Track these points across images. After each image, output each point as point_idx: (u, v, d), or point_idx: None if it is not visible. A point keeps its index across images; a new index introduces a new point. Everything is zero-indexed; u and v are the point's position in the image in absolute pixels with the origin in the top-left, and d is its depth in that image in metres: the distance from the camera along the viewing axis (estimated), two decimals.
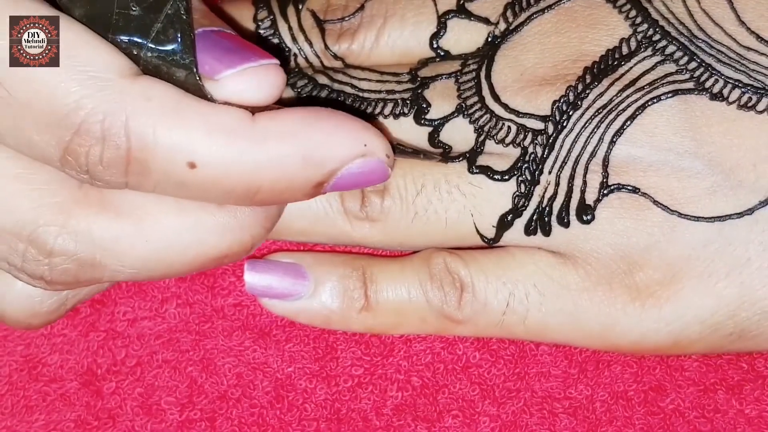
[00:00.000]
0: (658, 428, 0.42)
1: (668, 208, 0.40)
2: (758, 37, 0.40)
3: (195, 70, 0.34)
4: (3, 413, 0.42)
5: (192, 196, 0.35)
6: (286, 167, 0.34)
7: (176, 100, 0.33)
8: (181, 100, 0.33)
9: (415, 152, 0.41)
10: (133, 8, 0.34)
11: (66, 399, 0.42)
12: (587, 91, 0.40)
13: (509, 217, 0.41)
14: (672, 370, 0.43)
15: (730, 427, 0.42)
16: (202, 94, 0.34)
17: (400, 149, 0.40)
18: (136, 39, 0.34)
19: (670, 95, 0.40)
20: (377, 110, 0.42)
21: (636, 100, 0.40)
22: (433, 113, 0.42)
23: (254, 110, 0.35)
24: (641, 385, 0.42)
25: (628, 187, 0.40)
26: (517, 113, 0.41)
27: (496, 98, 0.41)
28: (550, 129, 0.40)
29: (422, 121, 0.42)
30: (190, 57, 0.34)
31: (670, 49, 0.40)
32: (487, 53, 0.42)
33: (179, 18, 0.34)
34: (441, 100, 0.42)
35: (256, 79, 0.34)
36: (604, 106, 0.40)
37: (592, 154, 0.40)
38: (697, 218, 0.39)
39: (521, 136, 0.41)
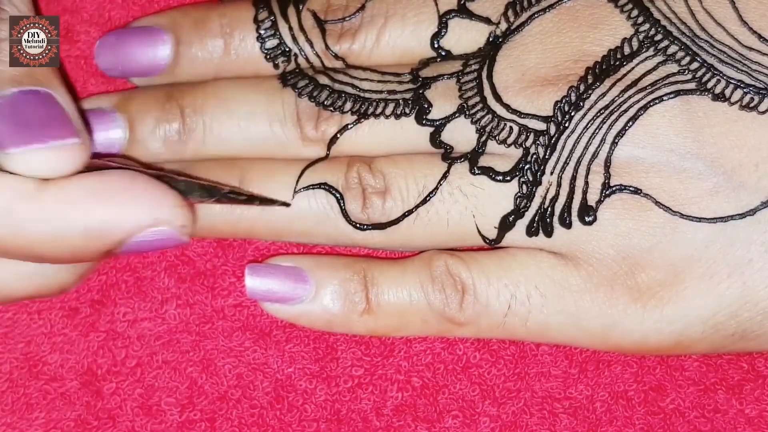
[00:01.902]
0: (658, 428, 0.42)
1: (670, 209, 0.40)
2: (760, 37, 0.40)
3: None
4: (3, 410, 0.42)
5: None
6: (67, 240, 0.35)
7: None
8: None
9: (249, 199, 0.41)
10: None
11: (66, 398, 0.42)
12: (589, 92, 0.40)
13: (511, 218, 0.41)
14: (672, 370, 0.43)
15: (731, 427, 0.42)
16: None
17: (230, 197, 0.40)
18: None
19: (672, 96, 0.40)
20: (378, 110, 0.42)
21: (638, 101, 0.40)
22: (435, 113, 0.42)
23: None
24: (641, 385, 0.42)
25: (630, 188, 0.40)
26: (519, 114, 0.41)
27: (498, 98, 0.41)
28: (552, 130, 0.40)
29: (424, 122, 0.42)
30: None
31: (672, 49, 0.40)
32: (488, 53, 0.42)
33: None
34: (442, 100, 0.42)
35: (45, 159, 0.35)
36: (606, 107, 0.40)
37: (594, 155, 0.40)
38: (699, 219, 0.39)
39: (523, 137, 0.41)
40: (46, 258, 0.36)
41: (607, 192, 0.40)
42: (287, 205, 0.42)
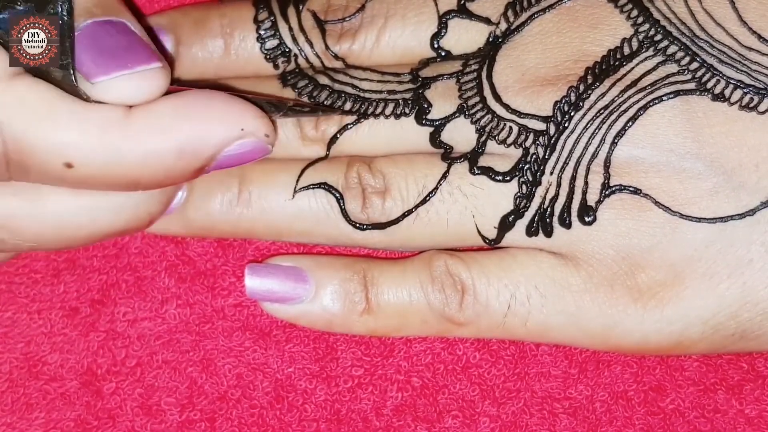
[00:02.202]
0: (658, 428, 0.42)
1: (670, 209, 0.40)
2: (760, 37, 0.40)
3: (71, 71, 0.35)
4: (3, 410, 0.42)
5: (75, 188, 0.36)
6: (161, 161, 0.35)
7: (50, 102, 0.34)
8: (55, 102, 0.34)
9: (313, 110, 0.41)
10: (18, 5, 0.35)
11: (66, 398, 0.42)
12: (589, 92, 0.40)
13: (511, 218, 0.41)
14: (672, 370, 0.43)
15: (730, 427, 0.42)
16: (78, 94, 0.35)
17: (296, 110, 0.41)
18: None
19: (671, 96, 0.40)
20: (378, 110, 0.42)
21: (638, 101, 0.40)
22: (435, 113, 0.42)
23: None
24: (641, 385, 0.42)
25: (630, 188, 0.40)
26: (519, 114, 0.41)
27: (498, 98, 0.41)
28: (552, 130, 0.40)
29: (423, 122, 0.42)
30: (66, 59, 0.35)
31: (672, 49, 0.40)
32: (488, 53, 0.42)
33: (59, 18, 0.34)
34: (442, 100, 0.42)
35: (132, 85, 0.35)
36: (606, 107, 0.40)
37: (594, 155, 0.40)
38: (699, 219, 0.39)
39: (523, 137, 0.41)
40: (143, 183, 0.36)
41: (607, 192, 0.40)
42: (348, 113, 0.42)
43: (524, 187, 0.41)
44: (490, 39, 0.42)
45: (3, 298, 0.43)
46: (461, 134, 0.41)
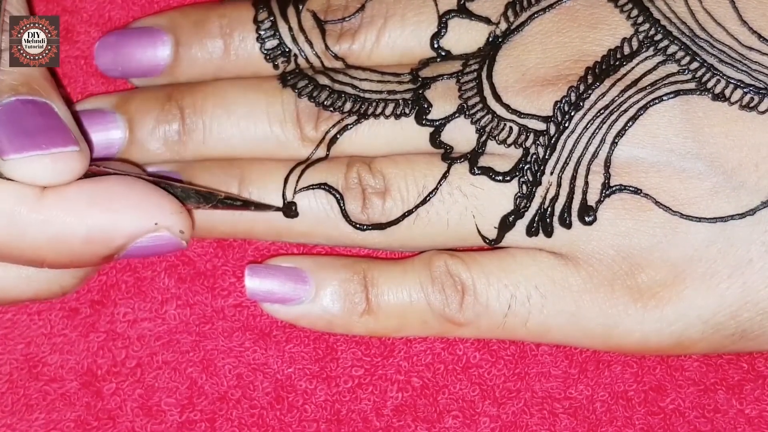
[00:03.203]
0: (658, 428, 0.42)
1: (670, 209, 0.39)
2: (760, 37, 0.40)
3: None
4: (3, 411, 0.42)
5: None
6: (67, 245, 0.36)
7: None
8: None
9: (245, 204, 0.41)
10: None
11: (66, 399, 0.42)
12: (589, 92, 0.40)
13: (511, 218, 0.41)
14: (672, 370, 0.43)
15: (731, 426, 0.42)
16: None
17: (226, 203, 0.40)
18: None
19: (671, 96, 0.40)
20: (378, 110, 0.42)
21: (638, 101, 0.40)
22: (435, 113, 0.42)
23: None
24: (641, 385, 0.42)
25: (630, 188, 0.40)
26: (519, 114, 0.41)
27: (498, 98, 0.41)
28: (552, 130, 0.40)
29: (423, 122, 0.42)
30: None
31: (672, 48, 0.40)
32: (488, 53, 0.42)
33: None
34: (442, 100, 0.42)
35: (45, 166, 0.35)
36: (606, 107, 0.40)
37: (594, 155, 0.40)
38: (699, 219, 0.39)
39: (523, 137, 0.41)
40: (48, 263, 0.37)
41: (607, 192, 0.40)
42: (281, 210, 0.42)
43: (524, 187, 0.40)
44: (490, 39, 0.42)
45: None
46: (461, 134, 0.41)
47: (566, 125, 0.40)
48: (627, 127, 0.40)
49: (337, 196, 0.42)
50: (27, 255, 0.36)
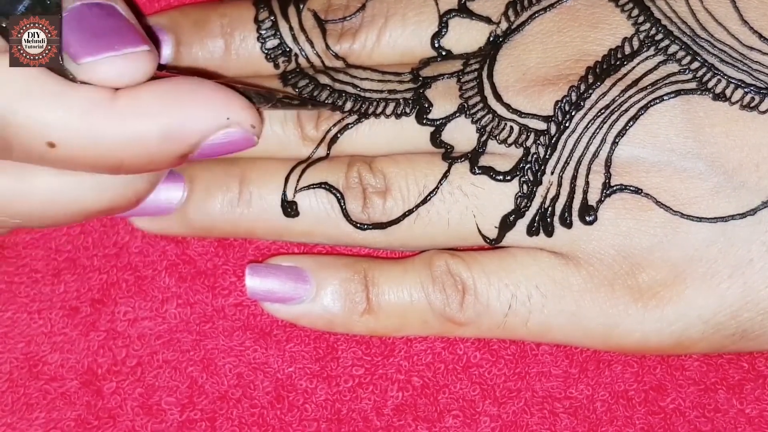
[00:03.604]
0: (658, 428, 0.42)
1: (671, 209, 0.39)
2: (761, 37, 0.40)
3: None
4: (3, 410, 0.42)
5: (57, 168, 0.36)
6: (144, 145, 0.35)
7: (35, 80, 0.34)
8: (39, 80, 0.34)
9: (302, 103, 0.41)
10: None
11: (66, 398, 0.42)
12: (590, 91, 0.40)
13: (512, 218, 0.41)
14: (673, 370, 0.43)
15: (731, 426, 0.42)
16: (64, 74, 0.35)
17: (285, 102, 0.41)
18: (2, 13, 0.35)
19: (672, 95, 0.40)
20: (379, 110, 0.42)
21: (638, 101, 0.40)
22: (435, 113, 0.42)
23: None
24: (642, 385, 0.42)
25: (631, 188, 0.40)
26: (520, 113, 0.41)
27: (498, 98, 0.41)
28: (553, 129, 0.40)
29: (424, 121, 0.42)
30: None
31: (673, 48, 0.40)
32: (488, 53, 0.42)
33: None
34: (443, 99, 0.42)
35: (118, 67, 0.35)
36: (607, 107, 0.40)
37: (595, 155, 0.40)
38: (700, 219, 0.39)
39: (523, 137, 0.41)
40: (125, 166, 0.36)
41: (608, 192, 0.40)
42: (336, 108, 0.42)
43: (525, 186, 0.40)
44: (491, 38, 0.42)
45: (3, 298, 0.43)
46: (462, 134, 0.41)
47: (567, 125, 0.40)
48: (628, 127, 0.40)
49: (338, 195, 0.42)
50: (105, 159, 0.35)
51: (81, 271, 0.44)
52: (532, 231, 0.41)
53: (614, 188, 0.40)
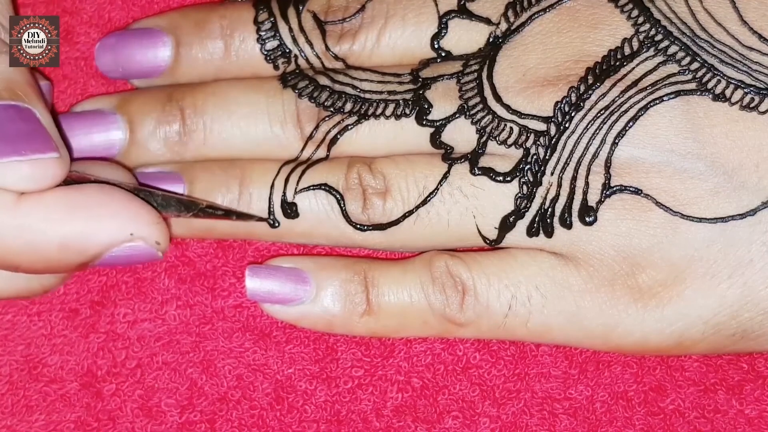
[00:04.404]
0: (658, 428, 0.42)
1: (671, 210, 0.40)
2: (761, 37, 0.40)
3: None
4: (3, 412, 0.42)
5: None
6: (42, 252, 0.36)
7: None
8: None
9: (227, 213, 0.41)
10: None
11: (66, 400, 0.42)
12: (589, 92, 0.40)
13: (511, 219, 0.41)
14: (672, 371, 0.43)
15: (731, 427, 0.42)
16: None
17: (208, 212, 0.41)
18: None
19: (672, 96, 0.40)
20: (379, 111, 0.42)
21: (638, 101, 0.40)
22: (435, 114, 0.42)
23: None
24: (641, 386, 0.42)
25: (631, 189, 0.40)
26: (519, 114, 0.41)
27: (498, 99, 0.41)
28: (552, 130, 0.40)
29: (424, 122, 0.42)
30: None
31: (673, 49, 0.40)
32: (488, 53, 0.42)
33: None
34: (443, 100, 0.42)
35: (23, 172, 0.35)
36: (607, 107, 0.40)
37: (595, 156, 0.40)
38: (700, 219, 0.39)
39: (523, 137, 0.41)
40: (22, 269, 0.37)
41: (608, 192, 0.40)
42: (265, 220, 0.42)
43: (525, 187, 0.41)
44: (491, 39, 0.42)
45: (3, 301, 0.43)
46: (462, 135, 0.41)
47: (567, 126, 0.40)
48: (627, 128, 0.40)
49: (338, 196, 0.42)
50: (2, 260, 0.36)
51: (80, 273, 0.44)
52: (531, 232, 0.41)
53: (614, 189, 0.40)
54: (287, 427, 0.42)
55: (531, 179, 0.40)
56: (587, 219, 0.40)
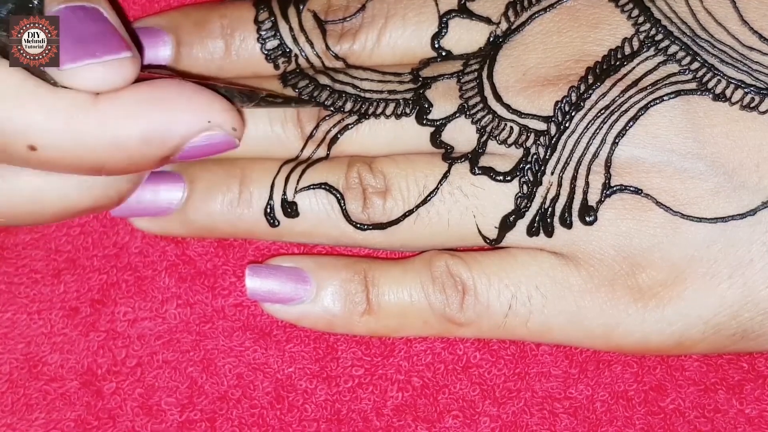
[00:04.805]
0: (658, 428, 0.42)
1: (671, 209, 0.39)
2: (761, 37, 0.40)
3: None
4: (3, 411, 0.42)
5: (39, 169, 0.36)
6: (125, 148, 0.36)
7: (16, 83, 0.34)
8: (21, 83, 0.34)
9: (286, 102, 0.41)
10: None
11: (66, 398, 0.42)
12: (590, 92, 0.40)
13: (512, 218, 0.41)
14: (672, 370, 0.43)
15: (731, 426, 0.42)
16: (45, 78, 0.35)
17: (268, 101, 0.41)
18: None
19: (672, 96, 0.40)
20: (379, 110, 0.42)
21: (638, 101, 0.40)
22: (435, 113, 0.42)
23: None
24: (642, 385, 0.42)
25: (631, 188, 0.40)
26: (520, 114, 0.41)
27: (498, 98, 0.41)
28: (553, 130, 0.40)
29: (424, 122, 0.42)
30: None
31: (673, 49, 0.40)
32: (488, 53, 0.42)
33: (29, 3, 0.35)
34: (443, 100, 0.42)
35: (99, 74, 0.35)
36: (607, 107, 0.40)
37: (595, 155, 0.40)
38: (700, 219, 0.39)
39: (523, 137, 0.41)
40: (107, 168, 0.36)
41: (608, 192, 0.40)
42: (320, 105, 0.42)
43: (525, 187, 0.40)
44: (491, 39, 0.42)
45: (3, 299, 0.43)
46: (462, 134, 0.41)
47: (567, 125, 0.40)
48: (628, 127, 0.40)
49: (338, 195, 0.42)
50: (87, 161, 0.36)
51: (81, 271, 0.44)
52: (532, 231, 0.41)
53: (614, 188, 0.40)
54: (287, 426, 0.42)
55: (531, 179, 0.40)
56: (587, 219, 0.40)
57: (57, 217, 0.39)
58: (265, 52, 0.43)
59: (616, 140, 0.40)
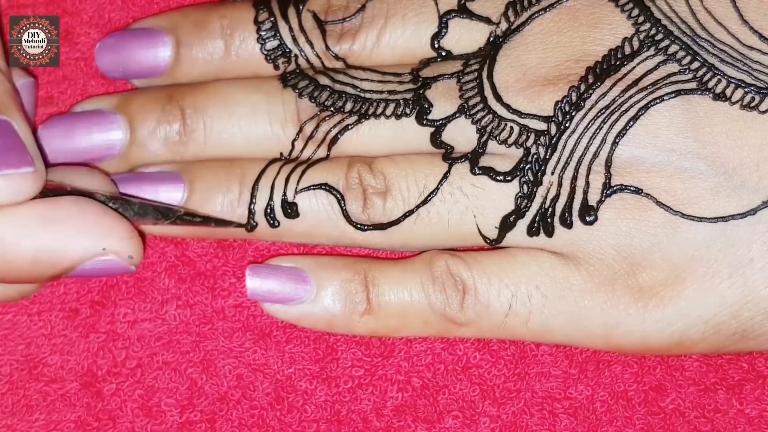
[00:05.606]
0: (658, 428, 0.42)
1: (671, 209, 0.40)
2: (761, 36, 0.40)
3: None
4: (3, 412, 0.42)
5: None
6: (14, 264, 0.36)
7: None
8: None
9: (205, 220, 0.41)
10: None
11: (66, 399, 0.42)
12: (590, 92, 0.40)
13: (512, 218, 0.41)
14: (672, 370, 0.43)
15: (731, 426, 0.42)
16: None
17: (185, 219, 0.41)
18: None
19: (672, 95, 0.40)
20: (379, 110, 0.42)
21: (639, 101, 0.40)
22: (435, 113, 0.42)
23: None
24: (642, 385, 0.42)
25: (631, 188, 0.40)
26: (520, 114, 0.41)
27: (498, 98, 0.41)
28: (553, 129, 0.40)
29: (424, 122, 0.42)
30: None
31: (673, 48, 0.40)
32: (488, 53, 0.42)
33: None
34: (443, 100, 0.42)
35: (0, 185, 0.35)
36: (607, 107, 0.40)
37: (595, 155, 0.40)
38: (700, 219, 0.39)
39: (524, 137, 0.41)
40: None
41: (608, 192, 0.40)
42: (243, 226, 0.42)
43: (525, 186, 0.40)
44: (491, 39, 0.42)
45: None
46: (462, 134, 0.41)
47: (567, 125, 0.40)
48: (628, 127, 0.40)
49: (338, 196, 0.42)
50: None
51: None
52: (532, 231, 0.41)
53: (614, 188, 0.40)
54: (287, 427, 0.42)
55: (531, 179, 0.40)
56: (588, 218, 0.40)
57: None
58: (265, 53, 0.43)
59: (617, 140, 0.40)
